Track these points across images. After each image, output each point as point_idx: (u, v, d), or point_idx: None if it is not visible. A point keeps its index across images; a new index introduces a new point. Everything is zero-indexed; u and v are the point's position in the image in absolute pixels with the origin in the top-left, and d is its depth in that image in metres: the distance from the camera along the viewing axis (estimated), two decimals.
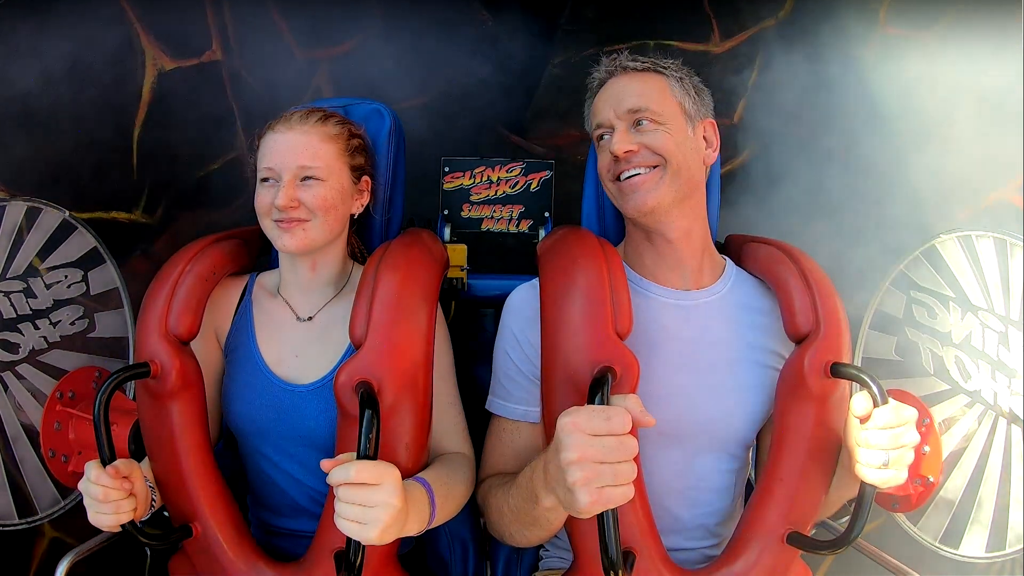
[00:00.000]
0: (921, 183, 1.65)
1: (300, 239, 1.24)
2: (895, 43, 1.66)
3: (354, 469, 0.95)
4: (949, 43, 1.62)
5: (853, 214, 1.70)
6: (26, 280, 1.67)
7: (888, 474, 1.01)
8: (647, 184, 1.20)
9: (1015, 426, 1.66)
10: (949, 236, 1.74)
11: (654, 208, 1.20)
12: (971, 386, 1.70)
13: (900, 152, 1.67)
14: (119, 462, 1.09)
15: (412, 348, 1.16)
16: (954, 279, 1.73)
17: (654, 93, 1.23)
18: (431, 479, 1.14)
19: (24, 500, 1.65)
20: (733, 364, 1.23)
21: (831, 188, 1.72)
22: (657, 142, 1.20)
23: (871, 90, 1.67)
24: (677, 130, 1.22)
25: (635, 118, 1.22)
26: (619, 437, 0.88)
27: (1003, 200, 1.64)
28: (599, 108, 1.28)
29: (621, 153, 1.21)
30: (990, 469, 1.69)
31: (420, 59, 1.79)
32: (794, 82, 1.69)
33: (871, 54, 1.64)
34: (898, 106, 1.66)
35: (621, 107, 1.23)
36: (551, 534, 1.14)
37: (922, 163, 1.65)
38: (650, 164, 1.21)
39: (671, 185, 1.21)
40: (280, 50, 1.75)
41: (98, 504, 1.07)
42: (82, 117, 1.68)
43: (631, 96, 1.23)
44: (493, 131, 1.87)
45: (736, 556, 1.16)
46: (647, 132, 1.21)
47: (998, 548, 1.70)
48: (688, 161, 1.23)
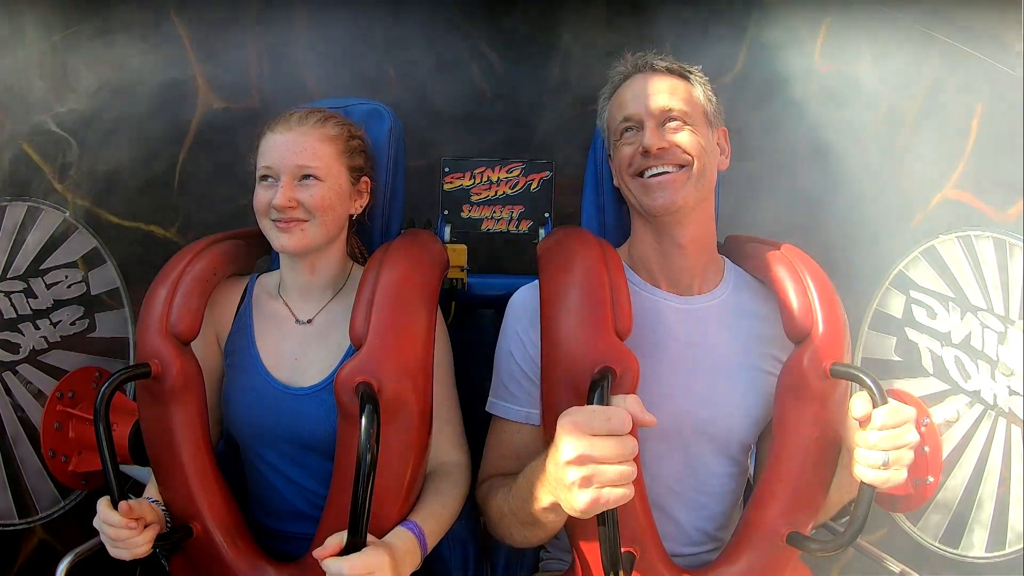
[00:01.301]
0: (868, 204, 1.79)
1: (298, 239, 1.24)
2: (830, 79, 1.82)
3: (347, 566, 0.99)
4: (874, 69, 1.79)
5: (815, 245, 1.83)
6: (26, 280, 1.67)
7: (888, 474, 1.01)
8: (676, 183, 1.21)
9: (1015, 426, 1.66)
10: (949, 236, 1.74)
11: (681, 207, 1.21)
12: (971, 386, 1.70)
13: (847, 181, 1.81)
14: (128, 503, 1.10)
15: (412, 348, 1.16)
16: (954, 279, 1.73)
17: (683, 94, 1.25)
18: (422, 517, 1.16)
19: (24, 500, 1.65)
20: (733, 368, 1.23)
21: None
22: (687, 142, 1.21)
23: (816, 125, 1.82)
24: (702, 132, 1.24)
25: (666, 116, 1.23)
26: (619, 438, 0.88)
27: (949, 199, 1.76)
28: (626, 102, 1.27)
29: (655, 149, 1.21)
30: (990, 469, 1.69)
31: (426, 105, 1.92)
32: (751, 125, 1.80)
33: (812, 93, 1.82)
34: (842, 136, 1.81)
35: (653, 104, 1.23)
36: (551, 535, 1.14)
37: (868, 185, 1.80)
38: (678, 163, 1.22)
39: (696, 186, 1.22)
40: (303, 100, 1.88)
41: (111, 540, 1.11)
42: (138, 135, 1.83)
43: (662, 94, 1.24)
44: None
45: (736, 556, 1.16)
46: (677, 131, 1.22)
47: (998, 548, 1.70)
48: (711, 164, 1.25)
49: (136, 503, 1.12)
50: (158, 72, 1.82)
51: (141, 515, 1.11)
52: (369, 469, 0.98)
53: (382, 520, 1.13)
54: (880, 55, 1.79)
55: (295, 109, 1.31)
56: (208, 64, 1.87)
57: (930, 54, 1.75)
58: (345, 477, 1.10)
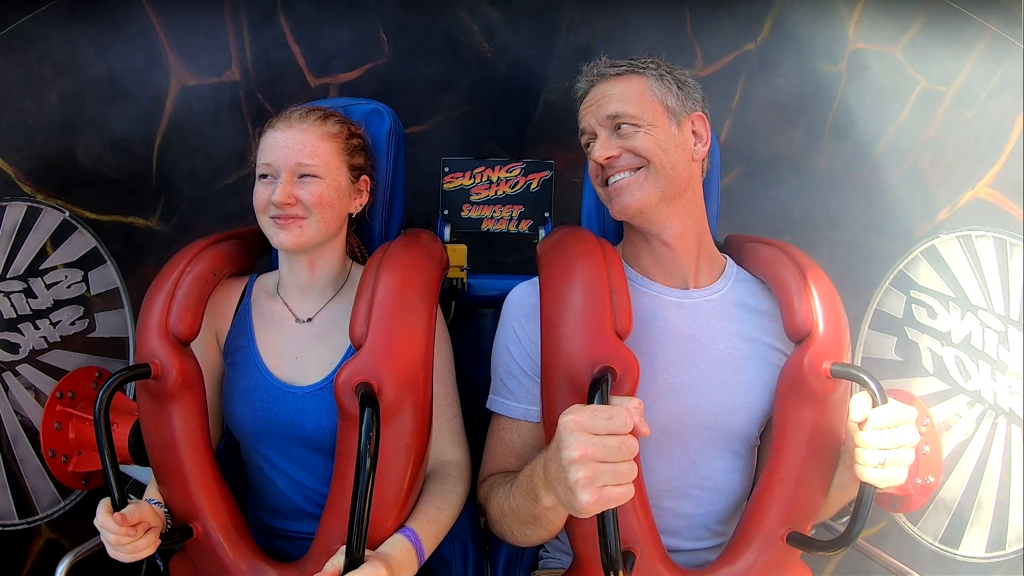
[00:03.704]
0: (900, 188, 1.75)
1: (296, 236, 1.24)
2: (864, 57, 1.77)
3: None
4: (914, 53, 1.73)
5: (841, 229, 1.80)
6: (26, 280, 1.67)
7: (887, 474, 1.01)
8: (631, 186, 1.22)
9: (1015, 426, 1.66)
10: (949, 236, 1.74)
11: (640, 209, 1.22)
12: (971, 386, 1.70)
13: (878, 159, 1.76)
14: (127, 509, 1.10)
15: (412, 348, 1.16)
16: (954, 279, 1.73)
17: (633, 96, 1.24)
18: (419, 523, 1.17)
19: (24, 500, 1.65)
20: (735, 361, 1.23)
21: (817, 202, 1.82)
22: (638, 144, 1.21)
23: (846, 102, 1.78)
24: (659, 129, 1.23)
25: (615, 123, 1.24)
26: (620, 437, 0.88)
27: (978, 198, 1.72)
28: (582, 117, 1.30)
29: (602, 160, 1.23)
30: (990, 469, 1.69)
31: (426, 87, 1.89)
32: (775, 101, 1.78)
33: (843, 68, 1.77)
34: (871, 115, 1.77)
35: (600, 114, 1.25)
36: (552, 534, 1.14)
37: (898, 168, 1.74)
38: (633, 167, 1.23)
39: (655, 185, 1.22)
40: (293, 73, 1.85)
41: (111, 546, 1.11)
42: (110, 124, 1.76)
43: (609, 102, 1.24)
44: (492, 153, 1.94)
45: (736, 556, 1.16)
46: (628, 136, 1.23)
47: (998, 548, 1.70)
48: (673, 159, 1.23)
49: (136, 507, 1.11)
50: (125, 54, 1.75)
51: (141, 519, 1.11)
52: (367, 483, 0.98)
53: (380, 528, 1.13)
54: (919, 37, 1.73)
55: (295, 107, 1.31)
56: (177, 38, 1.78)
57: (976, 43, 1.68)
58: (345, 477, 1.10)
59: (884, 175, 1.76)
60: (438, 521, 1.20)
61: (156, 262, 1.83)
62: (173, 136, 1.82)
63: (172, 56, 1.79)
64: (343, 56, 1.86)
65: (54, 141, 1.72)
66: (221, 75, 1.83)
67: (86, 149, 1.75)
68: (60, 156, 1.73)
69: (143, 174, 1.81)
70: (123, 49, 1.76)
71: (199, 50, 1.81)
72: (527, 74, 1.90)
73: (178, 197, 1.85)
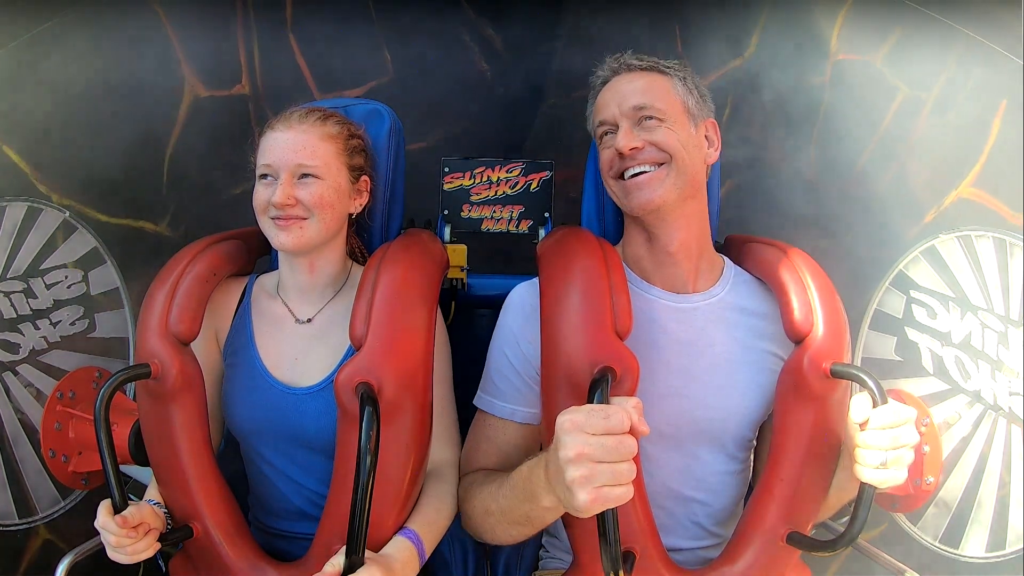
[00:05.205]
0: (888, 194, 1.79)
1: (297, 237, 1.24)
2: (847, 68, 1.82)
3: None
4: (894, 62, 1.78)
5: (832, 237, 1.84)
6: (26, 280, 1.67)
7: (887, 474, 1.01)
8: (653, 181, 1.20)
9: (1015, 426, 1.66)
10: (949, 236, 1.74)
11: (660, 205, 1.21)
12: (971, 386, 1.70)
13: (865, 166, 1.81)
14: (128, 510, 1.09)
15: (412, 349, 1.16)
16: (954, 279, 1.73)
17: (658, 91, 1.24)
18: (419, 524, 1.17)
19: (24, 500, 1.65)
20: (731, 365, 1.23)
21: (808, 211, 1.86)
22: (662, 139, 1.21)
23: (830, 111, 1.83)
24: (681, 128, 1.23)
25: (640, 115, 1.22)
26: (618, 436, 0.88)
27: (961, 198, 1.74)
28: (602, 105, 1.28)
29: (627, 150, 1.20)
30: (990, 469, 1.69)
31: (428, 105, 1.95)
32: (763, 114, 1.83)
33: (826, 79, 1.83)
34: (855, 123, 1.82)
35: (626, 104, 1.23)
36: (534, 533, 1.15)
37: (885, 174, 1.79)
38: (656, 161, 1.21)
39: (676, 182, 1.21)
40: (300, 89, 1.92)
41: (111, 547, 1.11)
42: (123, 130, 1.81)
43: (635, 93, 1.23)
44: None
45: (736, 556, 1.16)
46: (652, 129, 1.22)
47: (998, 548, 1.69)
48: (692, 159, 1.23)
49: (137, 508, 1.11)
50: (141, 62, 1.80)
51: (142, 521, 1.11)
52: (367, 484, 0.98)
53: (381, 528, 1.13)
54: (898, 45, 1.77)
55: (295, 108, 1.31)
56: (192, 51, 1.85)
57: (952, 47, 1.71)
58: (345, 477, 1.10)
59: (871, 182, 1.79)
60: (437, 522, 1.20)
61: (162, 266, 1.86)
62: (184, 144, 1.87)
63: (186, 67, 1.86)
64: (349, 73, 1.93)
65: (70, 143, 1.76)
66: (231, 88, 1.89)
67: (100, 152, 1.79)
68: (74, 157, 1.76)
69: (155, 180, 1.86)
70: (138, 53, 1.82)
71: (212, 63, 1.88)
72: (525, 94, 1.97)
73: (188, 204, 1.88)
